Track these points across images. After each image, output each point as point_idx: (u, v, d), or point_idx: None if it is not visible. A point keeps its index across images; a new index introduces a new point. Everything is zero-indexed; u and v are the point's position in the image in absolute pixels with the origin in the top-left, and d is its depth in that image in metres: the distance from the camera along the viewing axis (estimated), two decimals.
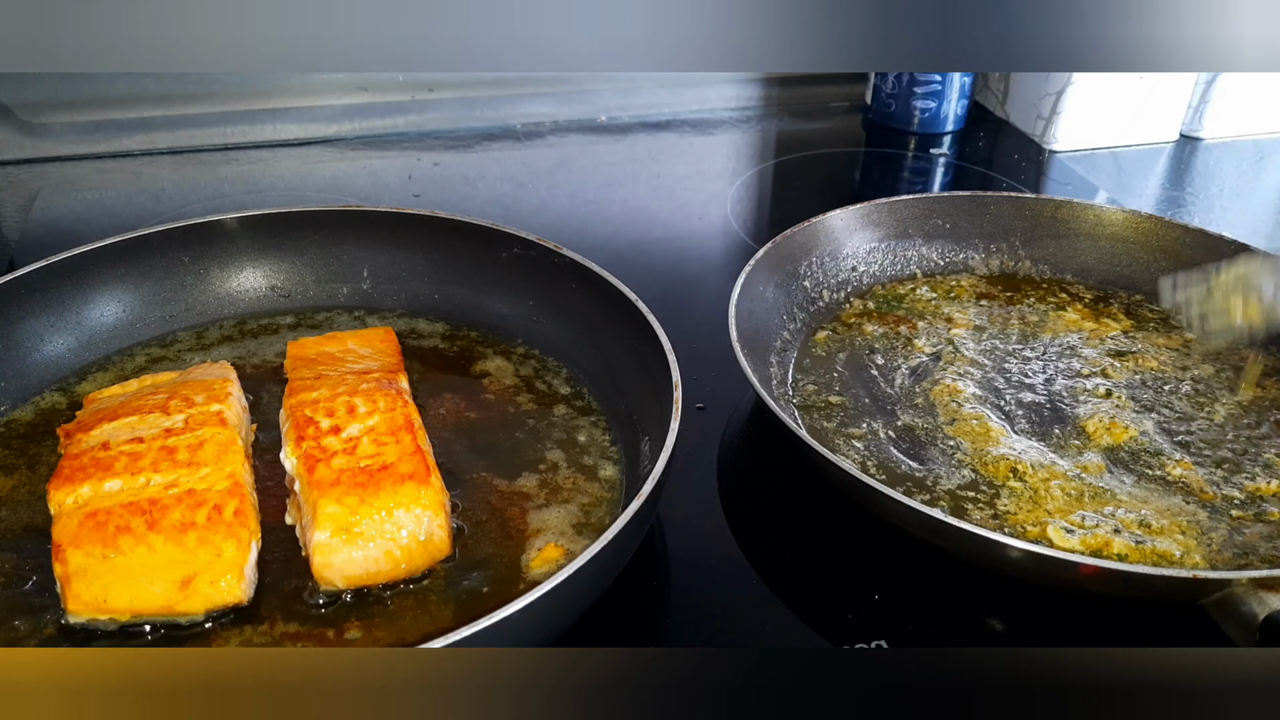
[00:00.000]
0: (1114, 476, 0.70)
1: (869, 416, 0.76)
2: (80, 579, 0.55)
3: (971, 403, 0.76)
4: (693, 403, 0.79)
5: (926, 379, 0.80)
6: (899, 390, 0.78)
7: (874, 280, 0.92)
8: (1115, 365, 0.82)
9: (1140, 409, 0.77)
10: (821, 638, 0.62)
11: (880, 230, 0.93)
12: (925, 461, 0.71)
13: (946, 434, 0.74)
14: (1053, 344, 0.85)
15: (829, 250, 0.90)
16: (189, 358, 0.78)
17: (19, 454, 0.68)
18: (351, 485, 0.59)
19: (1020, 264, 0.95)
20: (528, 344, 0.79)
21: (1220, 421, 0.76)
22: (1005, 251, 0.95)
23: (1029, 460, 0.70)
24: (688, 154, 1.26)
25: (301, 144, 1.22)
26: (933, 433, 0.74)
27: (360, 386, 0.66)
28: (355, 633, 0.56)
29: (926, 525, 0.60)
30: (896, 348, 0.83)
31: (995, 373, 0.80)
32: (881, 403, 0.77)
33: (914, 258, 0.94)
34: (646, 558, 0.65)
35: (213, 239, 0.81)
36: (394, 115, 1.26)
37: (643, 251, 1.03)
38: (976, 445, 0.72)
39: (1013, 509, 0.67)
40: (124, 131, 1.17)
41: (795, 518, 0.70)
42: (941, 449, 0.72)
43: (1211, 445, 0.74)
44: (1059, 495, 0.68)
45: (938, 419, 0.75)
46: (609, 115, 1.32)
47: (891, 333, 0.85)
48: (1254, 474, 0.71)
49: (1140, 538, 0.64)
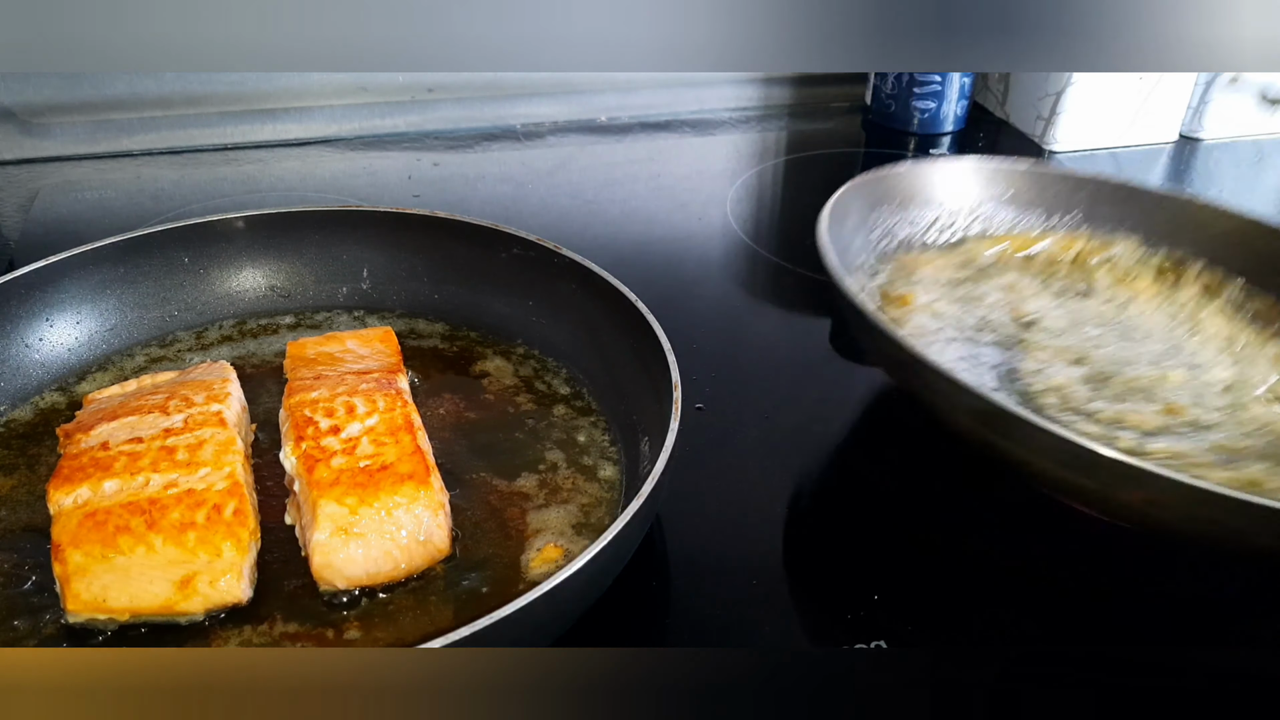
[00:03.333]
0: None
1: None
2: (80, 579, 0.54)
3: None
4: (693, 403, 0.79)
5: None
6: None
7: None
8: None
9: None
10: (821, 638, 0.62)
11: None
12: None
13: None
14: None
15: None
16: (189, 358, 0.78)
17: (19, 454, 0.68)
18: (351, 485, 0.59)
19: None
20: (527, 344, 0.79)
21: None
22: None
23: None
24: (688, 154, 1.26)
25: (301, 144, 1.22)
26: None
27: (360, 387, 0.66)
28: (355, 633, 0.56)
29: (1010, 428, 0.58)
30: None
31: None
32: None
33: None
34: (646, 558, 0.65)
35: (213, 239, 0.81)
36: (394, 115, 1.26)
37: (643, 251, 1.03)
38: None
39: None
40: (124, 132, 1.17)
41: (795, 518, 0.70)
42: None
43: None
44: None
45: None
46: (609, 115, 1.32)
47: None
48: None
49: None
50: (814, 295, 0.97)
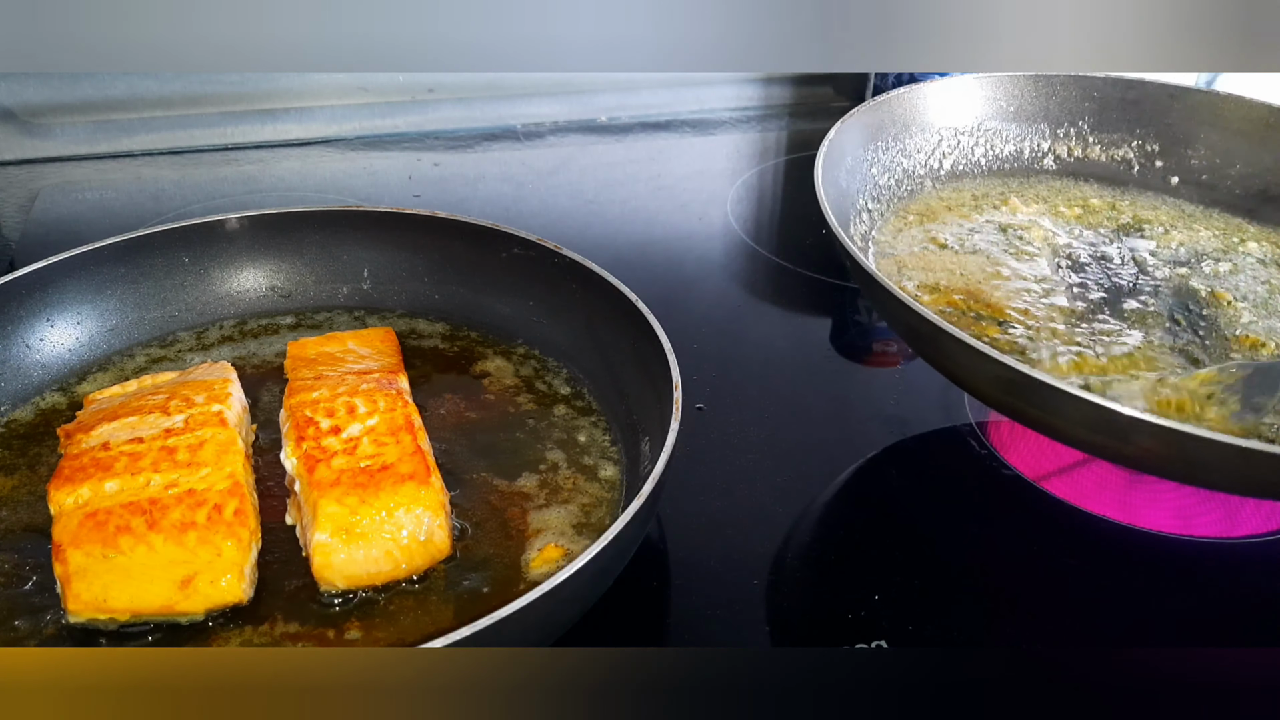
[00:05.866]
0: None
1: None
2: (80, 579, 0.55)
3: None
4: (693, 403, 0.79)
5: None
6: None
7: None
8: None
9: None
10: (821, 638, 0.62)
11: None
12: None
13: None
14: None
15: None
16: (189, 358, 0.78)
17: (19, 454, 0.68)
18: (352, 485, 0.59)
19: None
20: (528, 344, 0.79)
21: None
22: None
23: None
24: (688, 154, 1.26)
25: (301, 144, 1.22)
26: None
27: (360, 387, 0.66)
28: (355, 633, 0.56)
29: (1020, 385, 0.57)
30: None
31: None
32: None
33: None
34: (646, 558, 0.65)
35: (213, 239, 0.81)
36: (394, 115, 1.26)
37: (643, 251, 1.03)
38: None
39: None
40: (124, 132, 1.17)
41: (796, 518, 0.70)
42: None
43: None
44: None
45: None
46: (609, 115, 1.32)
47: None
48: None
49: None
50: (814, 295, 0.97)
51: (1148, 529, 0.69)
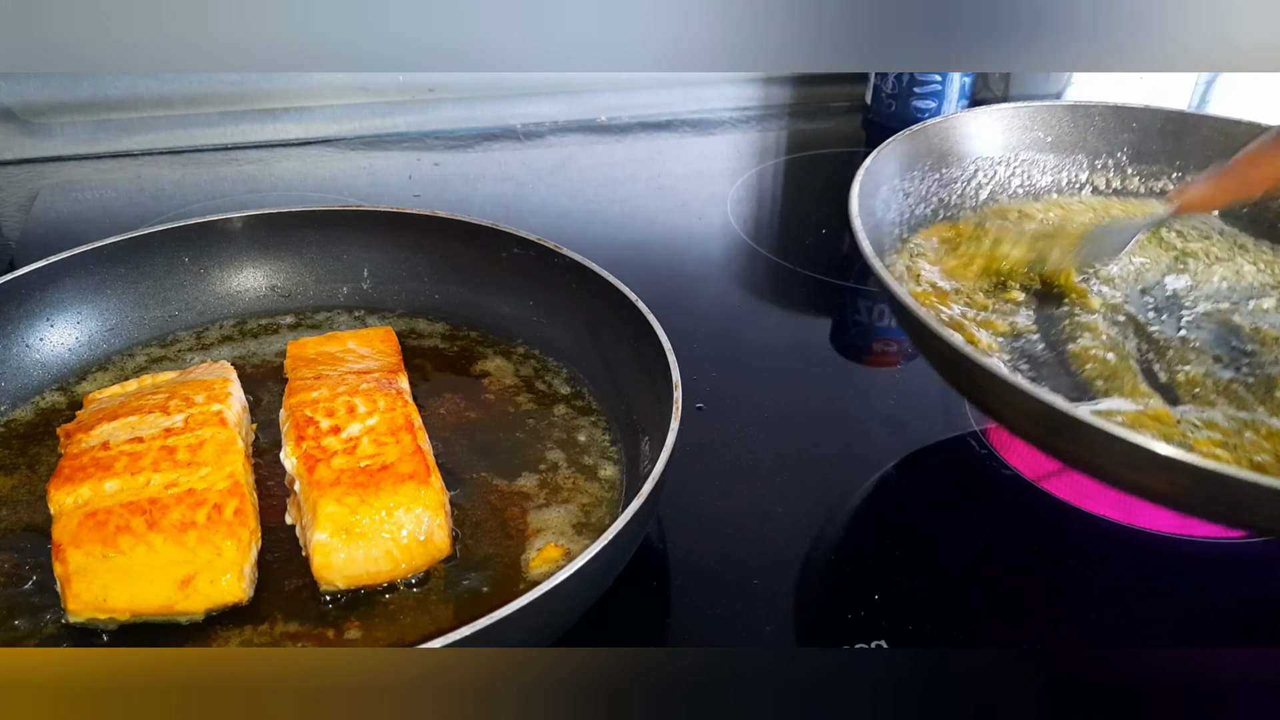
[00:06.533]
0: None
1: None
2: (80, 578, 0.55)
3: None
4: (693, 403, 0.79)
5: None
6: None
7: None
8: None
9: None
10: (821, 638, 0.62)
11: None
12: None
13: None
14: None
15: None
16: (189, 358, 0.78)
17: (19, 454, 0.68)
18: (351, 485, 0.59)
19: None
20: (528, 344, 0.79)
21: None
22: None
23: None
24: (688, 154, 1.26)
25: (301, 144, 1.22)
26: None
27: (360, 386, 0.66)
28: (355, 633, 0.56)
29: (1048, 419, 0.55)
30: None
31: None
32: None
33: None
34: (646, 558, 0.65)
35: (213, 239, 0.81)
36: (394, 115, 1.26)
37: (643, 251, 1.03)
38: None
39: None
40: (124, 132, 1.17)
41: (796, 518, 0.70)
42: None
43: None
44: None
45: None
46: (609, 115, 1.32)
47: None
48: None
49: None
50: (814, 295, 0.97)
51: (1148, 529, 0.69)
